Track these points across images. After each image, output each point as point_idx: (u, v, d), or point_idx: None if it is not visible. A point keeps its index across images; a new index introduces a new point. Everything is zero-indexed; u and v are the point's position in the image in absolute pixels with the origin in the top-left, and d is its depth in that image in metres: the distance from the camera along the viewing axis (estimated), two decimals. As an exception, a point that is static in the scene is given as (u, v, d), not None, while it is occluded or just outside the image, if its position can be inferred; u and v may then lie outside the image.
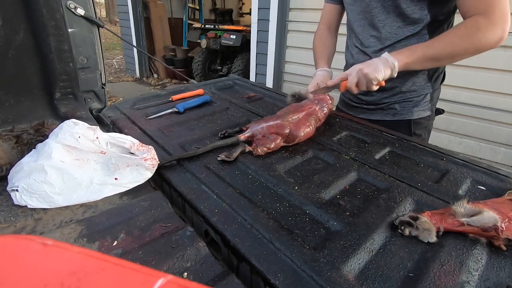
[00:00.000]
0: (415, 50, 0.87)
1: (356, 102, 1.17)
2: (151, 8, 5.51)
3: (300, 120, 0.89)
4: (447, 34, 0.86)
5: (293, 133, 0.84)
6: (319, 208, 0.62)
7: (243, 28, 4.73)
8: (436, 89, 1.08)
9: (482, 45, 0.83)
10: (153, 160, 0.68)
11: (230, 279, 0.46)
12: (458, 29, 0.84)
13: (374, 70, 0.86)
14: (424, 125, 1.09)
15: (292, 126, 0.85)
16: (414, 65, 0.89)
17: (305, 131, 0.87)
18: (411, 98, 1.05)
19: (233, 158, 0.77)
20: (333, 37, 1.23)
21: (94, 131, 0.67)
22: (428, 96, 1.05)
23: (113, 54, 8.00)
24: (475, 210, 0.56)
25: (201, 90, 1.24)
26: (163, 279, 0.21)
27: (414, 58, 0.87)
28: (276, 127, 0.84)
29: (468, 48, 0.84)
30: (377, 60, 0.88)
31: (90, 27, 1.06)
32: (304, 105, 0.95)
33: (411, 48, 0.89)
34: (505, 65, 2.10)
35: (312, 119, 0.92)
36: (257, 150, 0.79)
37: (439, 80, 1.08)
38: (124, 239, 0.53)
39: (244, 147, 0.80)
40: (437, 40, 0.86)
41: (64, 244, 0.25)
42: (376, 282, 0.47)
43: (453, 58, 0.89)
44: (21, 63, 0.87)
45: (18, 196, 0.60)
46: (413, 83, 1.03)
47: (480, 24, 0.81)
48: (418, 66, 0.91)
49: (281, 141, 0.83)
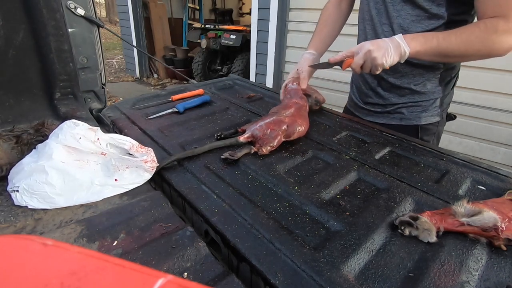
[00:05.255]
0: (431, 40, 0.81)
1: (364, 103, 1.14)
2: (151, 8, 5.52)
3: (293, 114, 0.90)
4: (465, 30, 0.81)
5: (291, 127, 0.85)
6: (319, 208, 0.62)
7: (243, 28, 4.72)
8: (447, 94, 1.03)
9: (495, 49, 0.80)
10: (152, 162, 0.69)
11: (230, 279, 0.46)
12: (477, 27, 0.80)
13: (383, 54, 0.81)
14: (432, 131, 1.05)
15: (288, 121, 0.86)
16: (424, 55, 0.84)
17: (302, 123, 0.89)
18: (419, 102, 1.01)
19: (237, 158, 0.77)
20: (340, 15, 1.16)
21: (95, 132, 0.67)
22: (438, 101, 1.02)
23: (113, 54, 8.00)
24: (475, 210, 0.56)
25: (201, 90, 1.24)
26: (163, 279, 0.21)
27: (427, 48, 0.82)
28: (274, 123, 0.84)
29: (480, 49, 0.81)
30: (388, 41, 0.82)
31: (90, 27, 1.06)
32: (290, 101, 0.97)
33: (427, 36, 0.82)
34: (505, 65, 2.10)
35: (303, 110, 0.95)
36: (262, 150, 0.80)
37: (451, 84, 1.03)
38: (124, 239, 0.53)
39: (249, 149, 0.80)
40: (454, 34, 0.81)
41: (64, 244, 0.25)
42: (376, 282, 0.47)
43: (463, 58, 0.86)
44: (21, 63, 0.87)
45: (18, 196, 0.60)
46: (423, 85, 0.99)
47: (498, 26, 0.77)
48: (427, 57, 0.86)
49: (282, 136, 0.83)
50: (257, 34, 3.50)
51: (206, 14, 7.16)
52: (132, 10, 5.33)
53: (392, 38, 0.83)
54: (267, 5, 3.25)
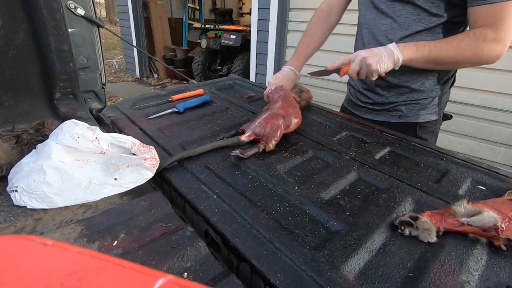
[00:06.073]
0: (423, 48, 0.86)
1: (362, 102, 1.15)
2: (151, 8, 5.52)
3: (283, 106, 0.93)
4: (454, 38, 0.85)
5: (287, 118, 0.88)
6: (319, 208, 0.62)
7: (243, 28, 4.72)
8: (445, 93, 1.06)
9: (483, 57, 0.84)
10: (153, 160, 0.68)
11: (230, 279, 0.46)
12: (467, 36, 0.84)
13: (377, 61, 0.85)
14: (430, 129, 1.07)
15: (282, 112, 0.89)
16: (417, 63, 0.88)
17: (295, 114, 0.92)
18: (418, 100, 1.03)
19: (247, 157, 0.77)
20: (328, 27, 1.19)
21: (94, 132, 0.67)
22: (436, 99, 1.03)
23: (113, 54, 8.00)
24: (475, 210, 0.56)
25: (201, 90, 1.24)
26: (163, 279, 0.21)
27: (419, 55, 0.86)
28: (271, 117, 0.86)
29: (470, 57, 0.85)
30: (382, 49, 0.87)
31: (90, 27, 1.07)
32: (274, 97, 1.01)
33: (419, 44, 0.87)
34: (505, 65, 2.10)
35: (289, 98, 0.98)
36: (268, 146, 0.81)
37: (449, 83, 1.05)
38: (124, 239, 0.53)
39: (258, 148, 0.81)
40: (445, 42, 0.85)
41: (64, 244, 0.25)
42: (376, 282, 0.47)
43: (454, 65, 0.90)
44: (21, 63, 0.87)
45: (17, 196, 0.60)
46: (422, 84, 1.01)
47: (487, 35, 0.81)
48: (420, 64, 0.90)
49: (282, 129, 0.86)
50: (257, 34, 3.50)
51: (206, 14, 7.16)
52: (132, 10, 5.33)
53: (386, 47, 0.87)
54: (267, 5, 3.25)
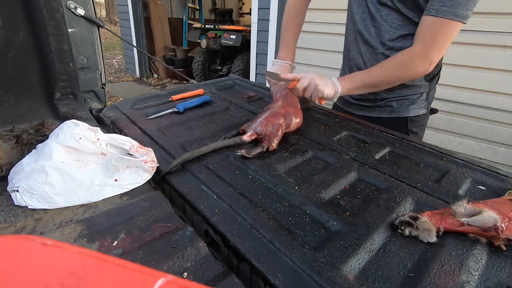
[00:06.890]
0: (356, 78, 0.98)
1: (354, 99, 1.18)
2: (151, 8, 5.52)
3: (283, 105, 0.93)
4: (384, 63, 0.95)
5: (287, 117, 0.89)
6: (319, 208, 0.62)
7: (243, 28, 4.72)
8: (432, 89, 1.12)
9: (412, 74, 0.94)
10: (152, 162, 0.69)
11: (230, 279, 0.46)
12: (395, 59, 0.93)
13: (324, 85, 0.93)
14: (420, 123, 1.14)
15: (282, 111, 0.90)
16: (356, 90, 0.99)
17: (295, 113, 0.93)
18: (408, 95, 1.08)
19: (252, 156, 0.78)
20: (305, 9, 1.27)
21: (95, 133, 0.67)
22: (424, 94, 1.09)
23: (113, 54, 8.00)
24: (475, 210, 0.56)
25: (201, 90, 1.24)
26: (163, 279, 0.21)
27: (355, 85, 0.97)
28: (272, 116, 0.87)
29: (400, 76, 0.95)
30: (328, 79, 0.97)
31: (90, 27, 1.07)
32: (276, 96, 1.02)
33: (353, 75, 0.99)
34: (505, 65, 2.10)
35: (290, 98, 0.99)
36: (271, 145, 0.81)
37: (435, 80, 1.12)
38: (124, 239, 0.53)
39: (262, 148, 0.81)
40: (375, 69, 0.96)
41: (64, 244, 0.25)
42: (376, 282, 0.47)
43: (390, 84, 0.99)
44: (21, 63, 0.87)
45: (18, 196, 0.60)
46: (412, 80, 1.05)
47: (414, 54, 0.90)
48: (359, 91, 1.00)
49: (283, 127, 0.86)
50: (257, 34, 3.50)
51: (206, 14, 7.16)
52: (132, 10, 5.33)
53: (331, 78, 0.98)
54: (267, 5, 3.25)
